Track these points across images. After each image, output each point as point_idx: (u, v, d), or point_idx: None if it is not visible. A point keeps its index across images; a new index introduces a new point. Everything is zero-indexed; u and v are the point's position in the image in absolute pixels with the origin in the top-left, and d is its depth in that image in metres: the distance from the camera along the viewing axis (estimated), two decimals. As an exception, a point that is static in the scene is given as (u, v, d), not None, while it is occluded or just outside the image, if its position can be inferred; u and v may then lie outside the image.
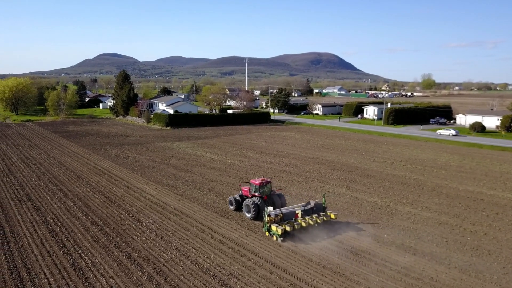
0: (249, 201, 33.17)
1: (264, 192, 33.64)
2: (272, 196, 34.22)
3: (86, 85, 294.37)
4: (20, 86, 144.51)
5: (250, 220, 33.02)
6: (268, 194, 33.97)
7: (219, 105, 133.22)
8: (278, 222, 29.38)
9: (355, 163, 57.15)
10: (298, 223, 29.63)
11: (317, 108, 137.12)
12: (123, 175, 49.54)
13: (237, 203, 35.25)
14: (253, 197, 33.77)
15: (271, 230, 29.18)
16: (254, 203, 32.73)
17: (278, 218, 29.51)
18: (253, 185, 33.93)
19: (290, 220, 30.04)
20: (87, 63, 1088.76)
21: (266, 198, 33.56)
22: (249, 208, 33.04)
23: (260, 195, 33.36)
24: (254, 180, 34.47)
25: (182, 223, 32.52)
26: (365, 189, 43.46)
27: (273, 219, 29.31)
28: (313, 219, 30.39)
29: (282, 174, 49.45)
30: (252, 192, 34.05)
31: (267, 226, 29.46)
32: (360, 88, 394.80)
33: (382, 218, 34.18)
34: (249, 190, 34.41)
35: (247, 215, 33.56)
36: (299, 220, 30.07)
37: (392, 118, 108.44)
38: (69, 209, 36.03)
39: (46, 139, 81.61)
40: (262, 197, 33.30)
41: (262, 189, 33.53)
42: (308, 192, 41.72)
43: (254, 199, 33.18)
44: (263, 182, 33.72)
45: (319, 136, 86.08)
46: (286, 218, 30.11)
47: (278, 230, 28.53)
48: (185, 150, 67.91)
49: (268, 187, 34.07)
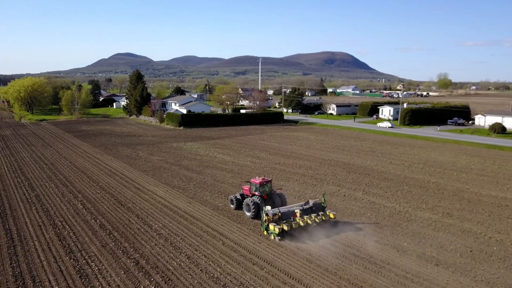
0: (249, 200, 33.39)
1: (265, 191, 33.72)
2: (272, 195, 34.31)
3: (101, 84, 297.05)
4: (35, 86, 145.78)
5: (250, 219, 33.22)
6: (269, 193, 34.02)
7: (232, 105, 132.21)
8: (276, 221, 29.39)
9: (371, 165, 55.47)
10: (296, 222, 29.65)
11: (331, 108, 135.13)
12: (134, 176, 48.79)
13: (237, 202, 35.59)
14: (253, 196, 33.86)
15: (269, 229, 29.26)
16: (254, 202, 32.92)
17: (276, 217, 29.58)
18: (254, 184, 34.06)
19: (288, 219, 30.06)
20: (102, 63, 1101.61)
21: (267, 197, 33.66)
22: (249, 207, 33.23)
23: (260, 194, 33.42)
24: (255, 179, 34.54)
25: (192, 228, 31.45)
26: (382, 193, 41.85)
27: (271, 218, 29.32)
28: (311, 219, 30.30)
29: (296, 177, 48.09)
30: (253, 191, 34.17)
31: (265, 225, 29.56)
32: (375, 87, 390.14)
33: (401, 224, 32.61)
34: (250, 189, 34.58)
35: (247, 214, 33.82)
36: (297, 219, 30.04)
37: (408, 118, 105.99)
38: (78, 212, 35.29)
39: (59, 138, 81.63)
40: (262, 196, 33.35)
41: (262, 188, 33.62)
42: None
43: (254, 198, 33.31)
44: (263, 181, 33.82)
45: (333, 137, 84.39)
46: (285, 217, 30.14)
47: (276, 229, 28.55)
48: (197, 150, 67.01)
49: (269, 186, 34.19)
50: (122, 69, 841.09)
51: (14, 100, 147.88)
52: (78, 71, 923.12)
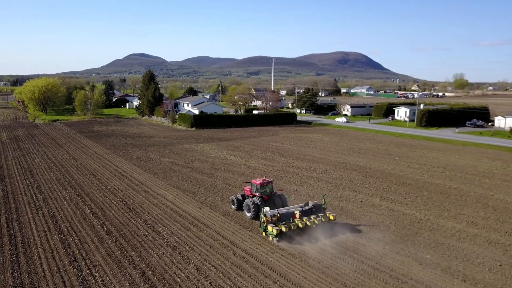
0: (249, 201, 33.37)
1: (265, 192, 33.64)
2: (273, 197, 34.19)
3: (115, 85, 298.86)
4: (49, 86, 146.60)
5: (250, 219, 33.14)
6: (269, 194, 33.93)
7: (245, 105, 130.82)
8: (275, 222, 29.20)
9: (388, 169, 53.44)
10: (294, 224, 29.51)
11: (346, 109, 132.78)
12: (143, 179, 47.68)
13: (238, 202, 35.57)
14: (254, 197, 33.74)
15: (267, 230, 29.11)
16: (254, 203, 32.88)
17: (275, 219, 29.38)
18: (254, 185, 33.95)
19: (287, 220, 29.89)
20: (117, 63, 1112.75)
21: (267, 198, 33.59)
22: (249, 207, 33.26)
23: (261, 195, 33.32)
24: (255, 180, 34.53)
25: (202, 236, 30.05)
26: (402, 199, 39.91)
27: (270, 219, 29.14)
28: (310, 220, 30.06)
29: (310, 181, 46.39)
30: (253, 192, 34.09)
31: (264, 226, 29.38)
32: (389, 88, 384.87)
33: (423, 234, 30.72)
34: (250, 190, 34.51)
35: (247, 214, 33.80)
36: (296, 221, 29.86)
37: (425, 120, 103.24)
38: (85, 217, 34.20)
39: (71, 139, 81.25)
40: (262, 197, 33.26)
41: (263, 189, 33.54)
42: (339, 202, 38.57)
43: (255, 199, 33.25)
44: (264, 182, 33.74)
45: (348, 138, 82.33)
46: (284, 218, 29.96)
47: (274, 231, 28.41)
48: (208, 152, 65.75)
49: (269, 187, 34.10)
50: (136, 70, 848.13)
51: (29, 100, 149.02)
52: (93, 71, 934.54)
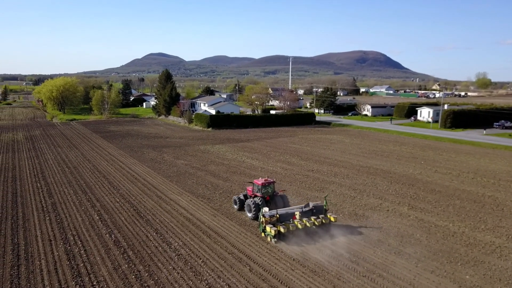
0: (250, 201, 33.21)
1: (267, 193, 33.40)
2: (274, 197, 33.90)
3: (134, 84, 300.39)
4: (67, 86, 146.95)
5: (251, 220, 32.97)
6: (271, 194, 33.66)
7: (262, 105, 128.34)
8: (274, 223, 28.97)
9: (414, 174, 50.30)
10: (293, 225, 29.20)
11: (366, 109, 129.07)
12: (156, 182, 45.76)
13: (240, 202, 35.38)
14: (255, 197, 33.55)
15: (266, 230, 28.93)
16: (255, 203, 32.68)
17: (274, 219, 29.13)
18: (256, 185, 33.69)
19: (287, 221, 29.61)
20: (136, 63, 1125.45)
21: (269, 198, 33.37)
22: (250, 207, 33.13)
23: (262, 195, 33.08)
24: (257, 180, 34.27)
25: (216, 248, 27.77)
26: (431, 208, 36.89)
27: (268, 219, 28.96)
28: (310, 221, 29.73)
29: (332, 187, 43.69)
30: (255, 192, 33.86)
31: (262, 227, 29.27)
32: (409, 87, 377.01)
33: (459, 250, 27.78)
34: (252, 190, 34.26)
35: (248, 214, 33.68)
36: (296, 222, 29.56)
37: (450, 121, 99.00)
38: (93, 224, 32.33)
39: (86, 139, 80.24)
40: (264, 198, 33.01)
41: (264, 189, 33.31)
42: (364, 211, 35.82)
43: (256, 199, 33.08)
44: (266, 183, 33.46)
45: (370, 140, 79.06)
46: (283, 219, 29.68)
47: (272, 231, 28.23)
48: (224, 154, 63.58)
49: (271, 187, 33.83)
50: (154, 69, 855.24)
51: (47, 99, 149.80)
52: (112, 71, 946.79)
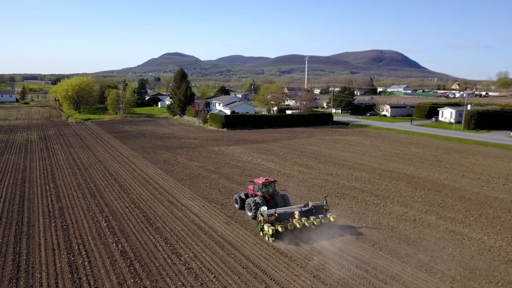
0: (251, 200, 33.18)
1: (267, 192, 33.34)
2: (275, 196, 33.79)
3: (150, 83, 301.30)
4: (83, 85, 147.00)
5: (251, 219, 32.81)
6: (272, 194, 33.58)
7: (278, 105, 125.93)
8: (272, 222, 28.98)
9: (440, 179, 47.36)
10: (292, 224, 29.15)
11: (385, 109, 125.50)
12: (169, 186, 43.91)
13: (241, 201, 35.33)
14: (256, 196, 33.45)
15: (264, 229, 28.88)
16: (255, 202, 32.57)
17: (272, 218, 29.14)
18: (257, 184, 33.64)
19: (286, 220, 29.58)
20: (152, 62, 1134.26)
21: (269, 198, 33.27)
22: (250, 206, 33.10)
23: (263, 195, 32.99)
24: (258, 179, 34.22)
25: (229, 262, 25.61)
26: (462, 218, 34.08)
27: (266, 219, 28.94)
28: (309, 221, 29.62)
29: (353, 193, 41.13)
30: (255, 191, 33.83)
31: (260, 226, 29.26)
32: (427, 87, 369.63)
33: (498, 267, 25.05)
34: (253, 189, 34.21)
35: (248, 213, 33.64)
36: (294, 221, 29.50)
37: (474, 122, 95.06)
38: (100, 232, 30.55)
39: (100, 140, 79.16)
40: (264, 197, 32.91)
41: (265, 188, 33.24)
42: (389, 220, 33.25)
43: (256, 198, 32.95)
44: (266, 182, 33.42)
45: (390, 142, 75.99)
46: (282, 218, 29.73)
47: (269, 230, 28.21)
48: (239, 156, 61.50)
49: (272, 186, 33.76)
50: (171, 68, 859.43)
51: (63, 99, 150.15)
52: (129, 70, 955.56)
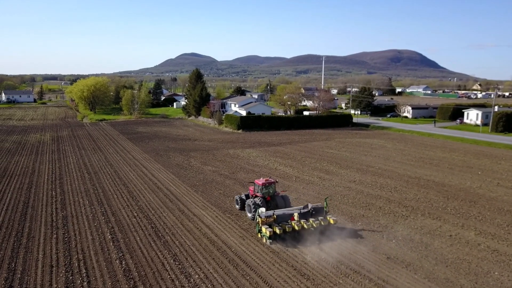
0: (250, 201, 32.92)
1: (268, 193, 33.00)
2: (276, 197, 33.42)
3: (166, 83, 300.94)
4: (98, 85, 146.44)
5: (251, 220, 32.42)
6: (272, 195, 33.20)
7: (295, 105, 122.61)
8: (270, 224, 28.58)
9: (473, 187, 43.61)
10: (290, 226, 28.85)
11: (406, 110, 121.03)
12: (180, 193, 41.31)
13: (242, 202, 35.05)
14: (255, 197, 33.17)
15: (262, 231, 28.52)
16: (254, 203, 32.26)
17: (271, 220, 28.78)
18: (257, 185, 33.30)
19: (285, 222, 29.19)
20: (169, 63, 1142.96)
21: (269, 199, 32.91)
22: (250, 207, 32.77)
23: (262, 196, 32.66)
24: (258, 180, 33.84)
25: (244, 285, 22.73)
26: (504, 234, 30.47)
27: (264, 220, 28.56)
28: (308, 223, 29.12)
29: (379, 203, 37.79)
30: (256, 192, 33.47)
31: (258, 228, 28.87)
32: (447, 87, 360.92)
33: (556, 297, 21.59)
34: (253, 190, 33.86)
35: (248, 214, 33.31)
36: (293, 223, 29.06)
37: (502, 124, 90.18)
38: (104, 246, 28.01)
39: (112, 141, 77.33)
40: (264, 198, 32.58)
41: (265, 189, 32.88)
42: (421, 235, 29.88)
43: (256, 199, 32.69)
44: (266, 183, 33.07)
45: (414, 145, 72.05)
46: (281, 220, 29.28)
47: (267, 232, 27.80)
48: (255, 160, 58.65)
49: (272, 187, 33.39)
50: (187, 69, 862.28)
51: (78, 99, 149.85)
52: (146, 70, 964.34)
